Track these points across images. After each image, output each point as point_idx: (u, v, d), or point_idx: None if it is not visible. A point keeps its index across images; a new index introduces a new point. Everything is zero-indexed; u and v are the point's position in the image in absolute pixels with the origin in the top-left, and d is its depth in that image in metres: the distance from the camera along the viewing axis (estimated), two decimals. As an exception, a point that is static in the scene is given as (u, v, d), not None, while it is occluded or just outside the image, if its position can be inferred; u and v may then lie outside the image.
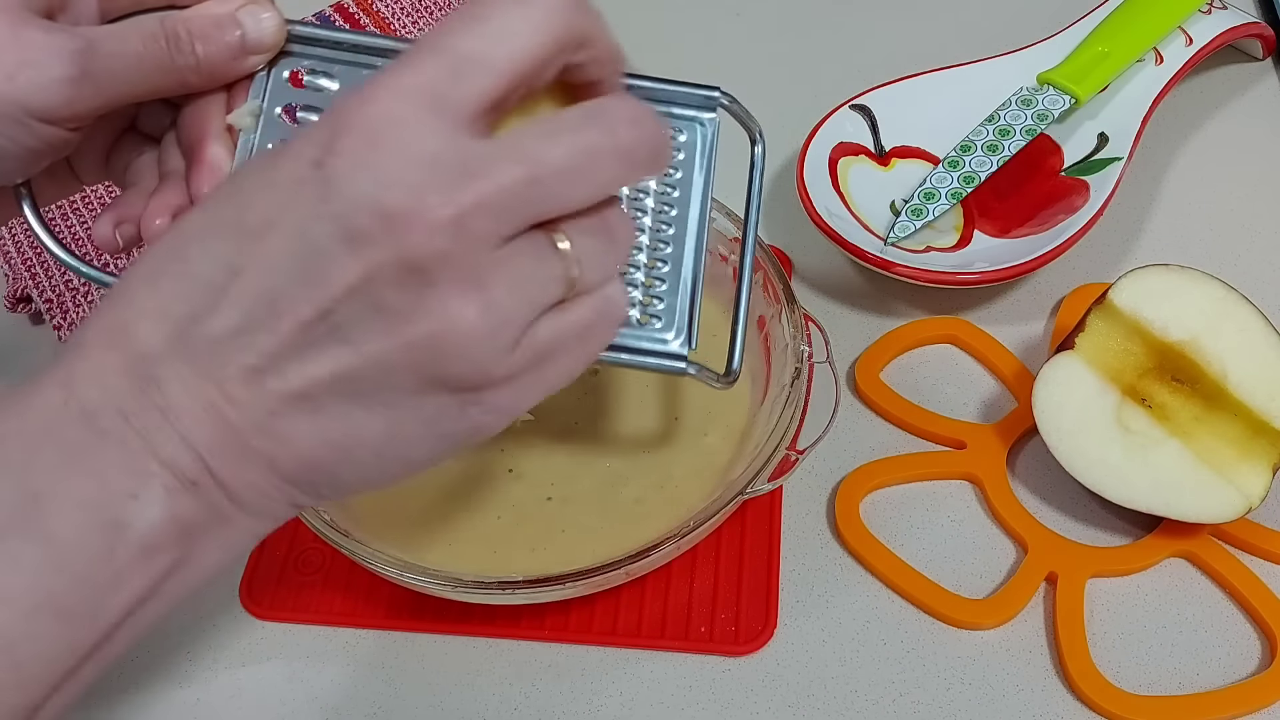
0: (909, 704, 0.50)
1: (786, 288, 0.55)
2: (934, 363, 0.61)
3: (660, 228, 0.45)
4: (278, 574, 0.55)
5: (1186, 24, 0.70)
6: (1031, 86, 0.68)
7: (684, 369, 0.44)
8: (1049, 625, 0.52)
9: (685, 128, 0.45)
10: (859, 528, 0.54)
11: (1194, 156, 0.70)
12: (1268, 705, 0.49)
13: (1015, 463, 0.57)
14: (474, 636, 0.53)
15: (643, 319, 0.44)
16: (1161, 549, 0.53)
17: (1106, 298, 0.55)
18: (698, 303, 0.44)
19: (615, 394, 0.57)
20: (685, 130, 0.45)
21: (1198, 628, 0.51)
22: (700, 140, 0.45)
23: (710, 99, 0.45)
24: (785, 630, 0.52)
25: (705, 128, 0.45)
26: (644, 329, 0.44)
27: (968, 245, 0.64)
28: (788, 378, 0.52)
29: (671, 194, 0.45)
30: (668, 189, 0.45)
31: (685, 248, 0.45)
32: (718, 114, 0.45)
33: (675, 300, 0.44)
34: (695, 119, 0.45)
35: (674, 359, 0.44)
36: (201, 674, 0.52)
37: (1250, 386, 0.52)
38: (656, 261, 0.44)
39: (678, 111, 0.45)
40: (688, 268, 0.44)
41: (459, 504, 0.54)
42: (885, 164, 0.67)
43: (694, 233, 0.45)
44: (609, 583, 0.50)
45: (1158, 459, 0.52)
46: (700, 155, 0.45)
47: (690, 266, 0.44)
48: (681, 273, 0.44)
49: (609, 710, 0.51)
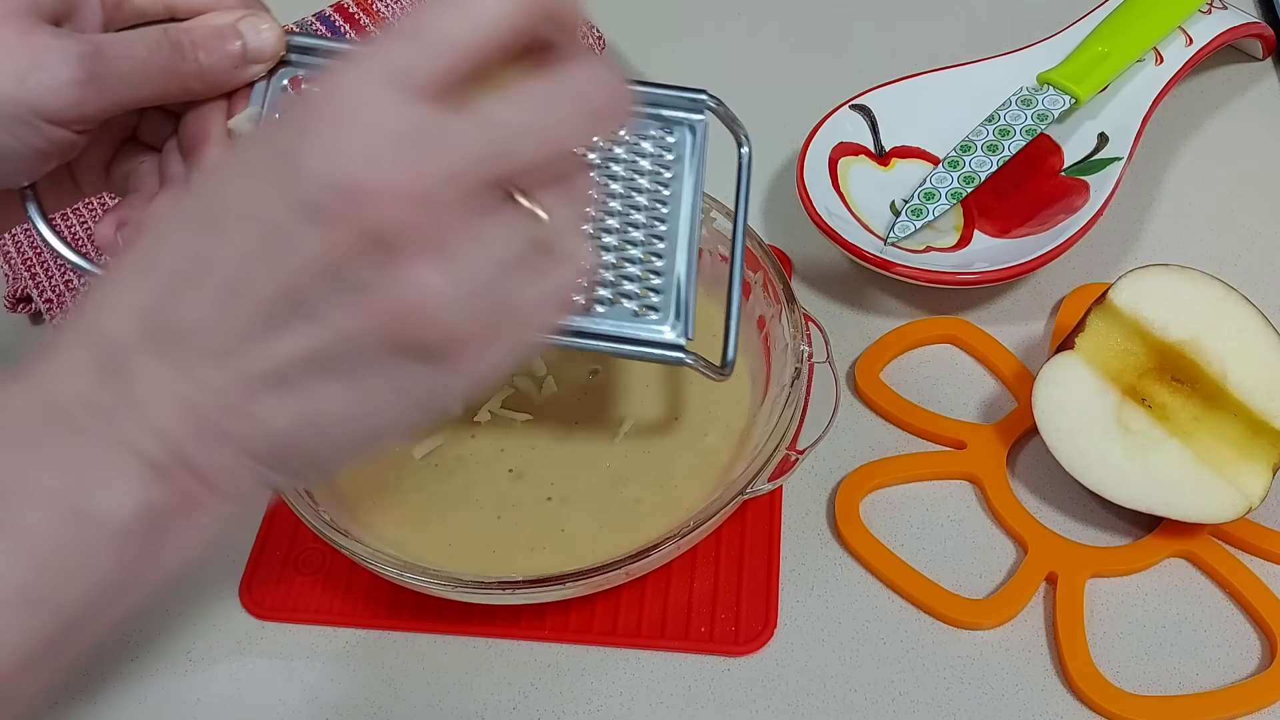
0: (909, 704, 0.50)
1: (786, 288, 0.55)
2: (934, 363, 0.61)
3: (654, 224, 0.46)
4: (278, 574, 0.55)
5: (1186, 24, 0.70)
6: (1031, 86, 0.68)
7: (682, 359, 0.45)
8: (1049, 625, 0.52)
9: (675, 129, 0.47)
10: (859, 528, 0.54)
11: (1194, 156, 0.70)
12: (1268, 705, 0.49)
13: (1015, 463, 0.57)
14: (474, 636, 0.53)
15: (640, 311, 0.45)
16: (1161, 549, 0.53)
17: (1106, 298, 0.55)
18: (693, 295, 0.46)
19: (615, 394, 0.57)
20: (675, 132, 0.47)
21: (1198, 628, 0.51)
22: (690, 141, 0.47)
23: (698, 102, 0.47)
24: (785, 630, 0.52)
25: (695, 129, 0.47)
26: (642, 320, 0.45)
27: (968, 245, 0.64)
28: (788, 378, 0.52)
29: (664, 192, 0.47)
30: (660, 187, 0.47)
31: (679, 243, 0.46)
32: (705, 116, 0.47)
33: (671, 294, 0.45)
34: (685, 120, 0.47)
35: (672, 349, 0.45)
36: (201, 674, 0.52)
37: (1250, 386, 0.52)
38: (652, 256, 0.46)
39: (667, 114, 0.47)
40: (681, 262, 0.46)
41: (459, 504, 0.54)
42: (885, 164, 0.67)
43: (687, 228, 0.46)
44: (609, 583, 0.50)
45: (1158, 459, 0.52)
46: (690, 155, 0.47)
47: (684, 260, 0.46)
48: (676, 266, 0.46)
49: (609, 710, 0.51)
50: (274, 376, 0.33)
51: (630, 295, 0.45)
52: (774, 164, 0.70)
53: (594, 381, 0.57)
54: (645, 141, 0.47)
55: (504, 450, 0.55)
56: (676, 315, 0.45)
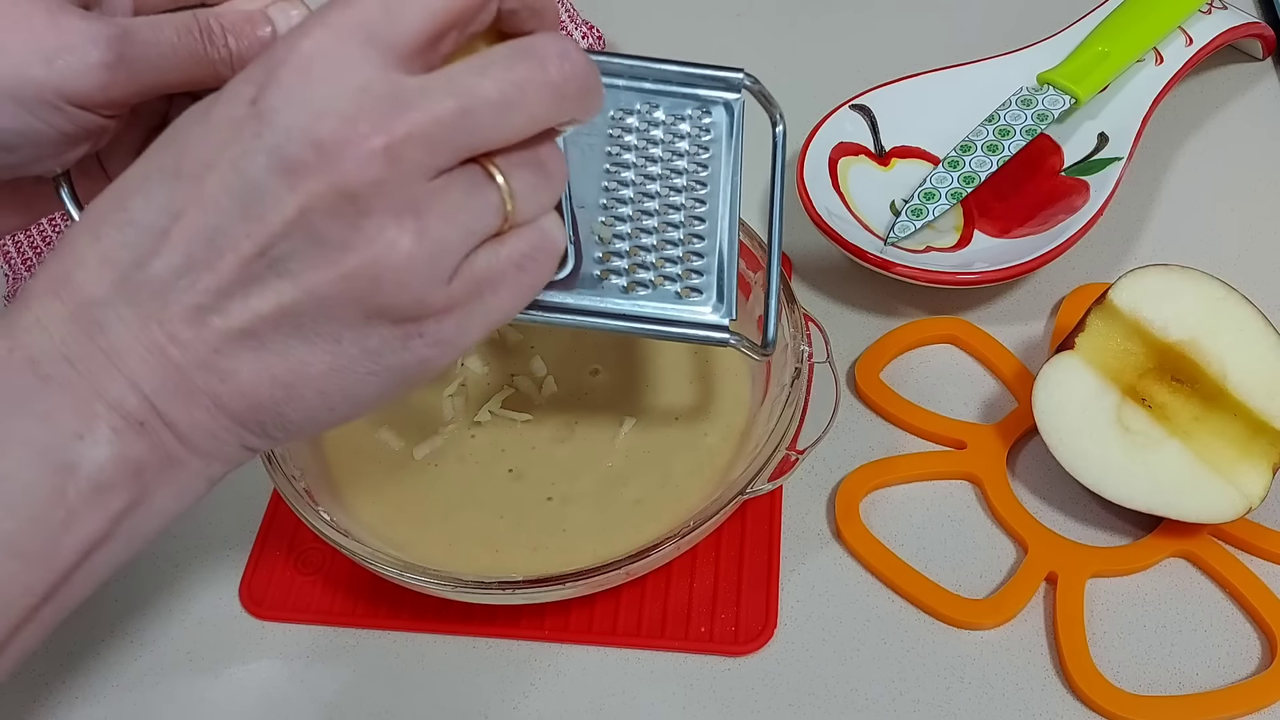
0: (909, 704, 0.50)
1: (787, 288, 0.55)
2: (934, 363, 0.61)
3: (694, 205, 0.46)
4: (278, 574, 0.55)
5: (1186, 24, 0.70)
6: (1031, 86, 0.68)
7: (725, 339, 0.45)
8: (1049, 625, 0.52)
9: (712, 109, 0.47)
10: (859, 528, 0.54)
11: (1194, 156, 0.70)
12: (1268, 705, 0.49)
13: (1015, 463, 0.57)
14: (474, 636, 0.53)
15: (683, 293, 0.45)
16: (1161, 549, 0.53)
17: (1106, 298, 0.55)
18: (734, 277, 0.46)
19: (615, 394, 0.57)
20: (713, 112, 0.47)
21: (1198, 628, 0.51)
22: (727, 121, 0.47)
23: (734, 81, 0.47)
24: (785, 630, 0.52)
25: (731, 109, 0.47)
26: (684, 302, 0.45)
27: (968, 245, 0.64)
28: (788, 378, 0.52)
29: (702, 173, 0.46)
30: (699, 167, 0.46)
31: (719, 224, 0.46)
32: (742, 94, 0.47)
33: (713, 275, 0.45)
34: (721, 100, 0.47)
35: (715, 329, 0.45)
36: (201, 673, 0.52)
37: (1250, 386, 0.52)
38: (692, 238, 0.46)
39: (703, 94, 0.47)
40: (723, 243, 0.46)
41: (459, 504, 0.54)
42: (885, 164, 0.67)
43: (726, 209, 0.46)
44: (609, 583, 0.50)
45: (1158, 459, 0.52)
46: (728, 135, 0.47)
47: (725, 242, 0.46)
48: (717, 248, 0.46)
49: (609, 710, 0.51)
50: (247, 332, 0.34)
51: (673, 277, 0.45)
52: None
53: (594, 381, 0.58)
54: (683, 122, 0.47)
55: (504, 450, 0.55)
56: (719, 297, 0.45)
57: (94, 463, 0.34)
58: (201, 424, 0.35)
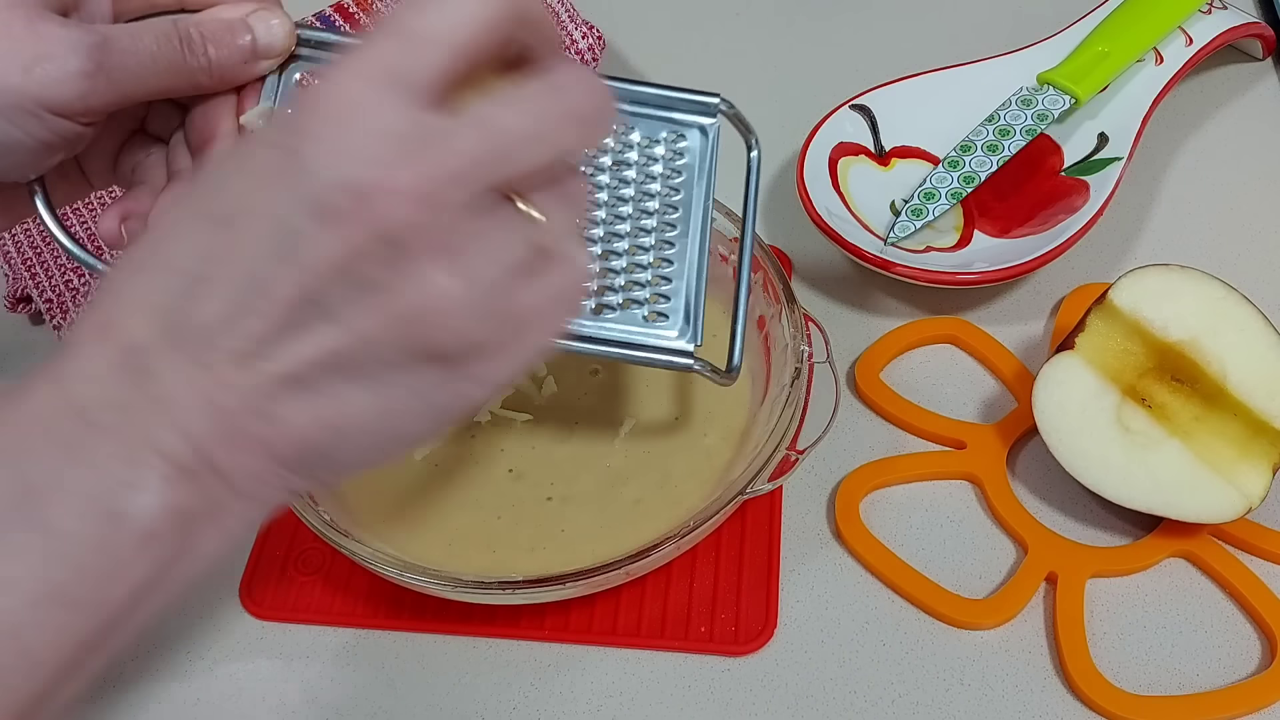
0: (909, 704, 0.50)
1: (786, 288, 0.55)
2: (934, 363, 0.61)
3: (665, 229, 0.46)
4: (278, 574, 0.55)
5: (1186, 24, 0.70)
6: (1031, 86, 0.68)
7: (690, 365, 0.45)
8: (1049, 625, 0.52)
9: (687, 133, 0.46)
10: (859, 528, 0.54)
11: (1194, 156, 0.70)
12: (1268, 705, 0.49)
13: (1015, 463, 0.57)
14: (474, 636, 0.53)
15: (650, 317, 0.45)
16: (1161, 549, 0.53)
17: (1106, 298, 0.55)
18: (702, 301, 0.46)
19: (615, 394, 0.57)
20: (688, 136, 0.46)
21: (1198, 628, 0.51)
22: (702, 146, 0.47)
23: (710, 106, 0.47)
24: (785, 630, 0.52)
25: (706, 133, 0.47)
26: (651, 326, 0.45)
27: (968, 245, 0.64)
28: (788, 378, 0.52)
29: (675, 197, 0.46)
30: (671, 191, 0.46)
31: (689, 249, 0.46)
32: (718, 119, 0.47)
33: (681, 299, 0.45)
34: (697, 125, 0.47)
35: (680, 355, 0.45)
36: (201, 673, 0.52)
37: (1250, 386, 0.52)
38: (662, 262, 0.45)
39: (679, 117, 0.47)
40: (691, 268, 0.46)
41: (459, 504, 0.54)
42: (885, 164, 0.67)
43: (697, 234, 0.46)
44: (609, 583, 0.50)
45: (1158, 459, 0.52)
46: (702, 160, 0.47)
47: (694, 267, 0.46)
48: (686, 273, 0.46)
49: (609, 710, 0.51)
50: (295, 378, 0.33)
51: (640, 301, 0.45)
52: (774, 164, 0.70)
53: (594, 381, 0.58)
54: (658, 145, 0.47)
55: (504, 450, 0.55)
56: (685, 321, 0.45)
57: (144, 512, 0.33)
58: (249, 469, 0.34)
